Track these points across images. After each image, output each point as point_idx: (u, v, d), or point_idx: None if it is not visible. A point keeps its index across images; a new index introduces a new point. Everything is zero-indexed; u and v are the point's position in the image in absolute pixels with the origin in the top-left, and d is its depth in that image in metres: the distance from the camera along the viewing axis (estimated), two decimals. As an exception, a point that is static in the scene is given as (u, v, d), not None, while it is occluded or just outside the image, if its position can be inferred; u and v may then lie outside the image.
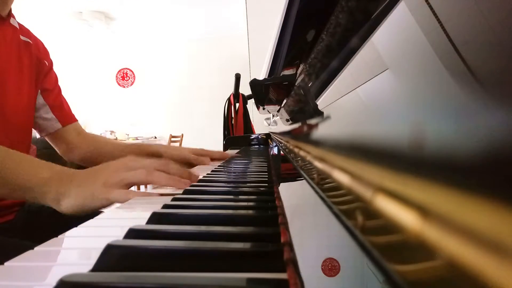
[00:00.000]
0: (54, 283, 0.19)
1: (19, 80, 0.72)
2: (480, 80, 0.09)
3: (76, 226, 0.33)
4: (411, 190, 0.10)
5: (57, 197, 0.46)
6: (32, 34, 0.81)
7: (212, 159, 0.89)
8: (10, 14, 0.73)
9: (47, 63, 0.83)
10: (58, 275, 0.19)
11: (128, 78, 5.63)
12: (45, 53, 0.84)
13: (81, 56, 5.35)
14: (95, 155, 0.89)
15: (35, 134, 0.86)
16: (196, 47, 5.44)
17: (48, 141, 0.88)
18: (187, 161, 0.83)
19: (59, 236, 0.30)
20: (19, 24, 0.76)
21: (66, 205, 0.45)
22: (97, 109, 5.35)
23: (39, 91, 0.82)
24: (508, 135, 0.07)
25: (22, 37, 0.76)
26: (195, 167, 0.79)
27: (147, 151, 0.84)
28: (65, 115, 0.87)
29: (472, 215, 0.07)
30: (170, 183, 0.49)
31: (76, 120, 0.90)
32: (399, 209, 0.10)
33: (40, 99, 0.82)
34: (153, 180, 0.48)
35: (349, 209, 0.15)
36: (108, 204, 0.46)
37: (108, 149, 0.89)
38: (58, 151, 0.89)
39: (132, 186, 0.49)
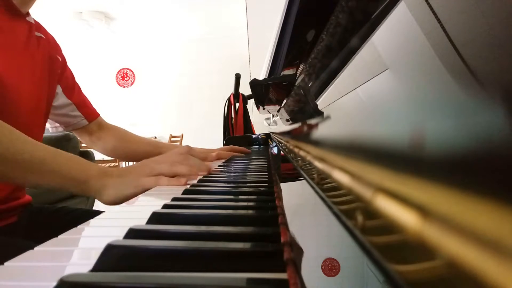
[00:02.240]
0: (54, 283, 0.19)
1: (33, 75, 0.73)
2: (480, 80, 0.09)
3: (76, 226, 0.33)
4: (411, 190, 0.10)
5: (100, 189, 0.54)
6: (44, 29, 0.81)
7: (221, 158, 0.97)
8: (28, 13, 0.74)
9: (60, 59, 0.84)
10: (58, 275, 0.19)
11: (128, 78, 5.63)
12: (57, 48, 0.85)
13: (81, 56, 5.34)
14: (120, 149, 0.96)
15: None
16: (196, 47, 5.44)
17: (73, 132, 0.94)
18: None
19: (59, 236, 0.30)
20: (34, 20, 0.77)
21: (108, 194, 0.54)
22: (97, 109, 5.34)
23: (61, 89, 0.84)
24: (508, 135, 0.07)
25: (36, 33, 0.76)
26: None
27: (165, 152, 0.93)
28: (91, 112, 0.92)
29: (472, 215, 0.07)
30: (190, 173, 0.59)
31: (99, 115, 0.95)
32: (399, 209, 0.10)
33: (63, 98, 0.85)
34: (176, 171, 0.58)
35: (349, 209, 0.15)
36: (140, 190, 0.53)
37: (133, 147, 0.97)
38: (82, 141, 0.97)
39: (159, 175, 0.57)
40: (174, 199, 0.40)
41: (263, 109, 1.22)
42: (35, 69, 0.74)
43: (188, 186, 0.49)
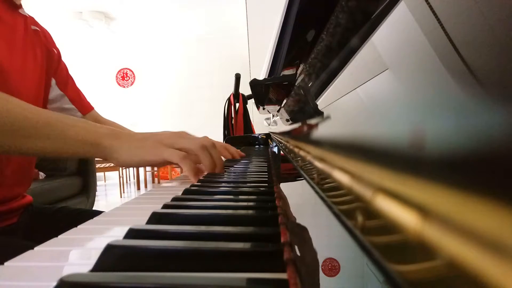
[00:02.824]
0: (54, 283, 0.19)
1: (35, 68, 0.73)
2: (480, 80, 0.09)
3: (76, 226, 0.33)
4: (411, 190, 0.10)
5: (114, 149, 0.49)
6: (39, 23, 0.81)
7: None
8: (20, 4, 0.74)
9: (55, 51, 0.84)
10: (58, 275, 0.19)
11: (128, 78, 5.63)
12: (52, 41, 0.85)
13: (81, 56, 5.34)
14: None
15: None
16: (196, 47, 5.45)
17: None
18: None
19: (59, 236, 0.30)
20: (28, 14, 0.77)
21: (123, 154, 0.49)
22: (97, 109, 5.34)
23: (55, 82, 0.83)
24: (508, 135, 0.07)
25: (32, 26, 0.77)
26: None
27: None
28: (85, 105, 0.90)
29: (472, 215, 0.07)
30: (210, 167, 0.53)
31: (93, 108, 0.93)
32: (399, 209, 0.10)
33: (57, 91, 0.84)
34: (200, 156, 0.52)
35: (349, 209, 0.15)
36: (160, 160, 0.48)
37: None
38: None
39: (182, 151, 0.51)
40: (174, 199, 0.40)
41: (263, 109, 1.22)
42: (36, 63, 0.74)
43: (188, 186, 0.49)
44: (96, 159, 2.37)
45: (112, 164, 4.04)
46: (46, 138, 0.48)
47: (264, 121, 1.81)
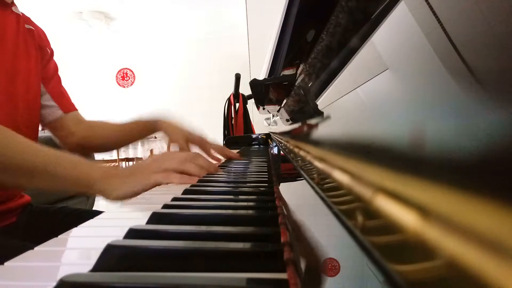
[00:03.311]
0: (54, 283, 0.19)
1: (28, 68, 0.72)
2: (479, 80, 0.09)
3: (76, 226, 0.33)
4: (411, 190, 0.10)
5: (107, 189, 0.53)
6: (33, 22, 0.80)
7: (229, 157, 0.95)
8: (12, 2, 0.73)
9: (49, 51, 0.83)
10: (58, 275, 0.19)
11: (128, 78, 5.63)
12: (47, 41, 0.84)
13: (81, 56, 5.34)
14: (91, 138, 0.91)
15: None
16: (196, 47, 5.44)
17: (49, 130, 0.88)
18: (223, 153, 0.91)
19: (59, 236, 0.30)
20: (22, 13, 0.76)
21: (115, 193, 0.52)
22: (97, 109, 5.35)
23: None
24: (507, 135, 0.07)
25: (26, 25, 0.76)
26: None
27: (150, 123, 0.91)
28: (66, 103, 0.87)
29: (472, 215, 0.07)
30: (200, 173, 0.58)
31: (77, 109, 0.90)
32: (399, 209, 0.10)
33: (41, 88, 0.82)
34: (185, 169, 0.56)
35: (349, 209, 0.15)
36: (149, 186, 0.52)
37: (107, 131, 0.92)
38: (57, 139, 0.90)
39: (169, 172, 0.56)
40: (174, 199, 0.40)
41: (263, 109, 1.22)
42: (30, 62, 0.73)
43: (188, 186, 0.49)
44: (96, 159, 2.37)
45: (112, 164, 4.05)
46: (41, 178, 0.51)
47: (264, 121, 1.81)
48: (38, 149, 0.52)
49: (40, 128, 0.86)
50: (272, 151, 1.10)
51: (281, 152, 0.62)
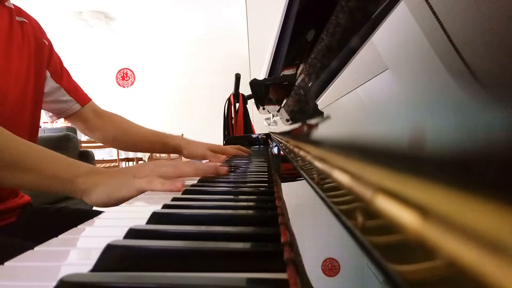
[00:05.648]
0: (54, 283, 0.19)
1: (21, 62, 0.70)
2: (480, 80, 0.09)
3: (76, 226, 0.33)
4: (411, 190, 0.10)
5: (88, 189, 0.50)
6: (26, 13, 0.77)
7: (228, 155, 0.97)
8: None
9: (46, 42, 0.80)
10: (58, 275, 0.19)
11: (128, 78, 5.63)
12: (42, 31, 0.80)
13: (81, 56, 5.34)
14: (121, 139, 0.95)
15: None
16: (196, 47, 5.44)
17: (68, 122, 0.91)
18: (204, 158, 0.91)
19: (59, 236, 0.30)
20: (13, 5, 0.73)
21: (97, 196, 0.49)
22: (97, 109, 5.34)
23: (49, 74, 0.80)
24: (508, 135, 0.07)
25: (17, 18, 0.73)
26: None
27: (171, 144, 0.94)
28: (82, 96, 0.88)
29: (472, 215, 0.07)
30: (196, 173, 0.58)
31: (91, 99, 0.92)
32: (399, 209, 0.10)
33: (52, 83, 0.81)
34: (181, 171, 0.56)
35: (349, 209, 0.15)
36: (133, 192, 0.49)
37: (136, 137, 0.96)
38: (77, 129, 0.94)
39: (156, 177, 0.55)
40: (174, 199, 0.40)
41: (263, 109, 1.22)
42: (22, 57, 0.70)
43: (189, 186, 0.49)
44: (95, 159, 2.37)
45: (112, 164, 4.04)
46: (19, 170, 0.48)
47: (264, 121, 1.81)
48: (18, 139, 0.50)
49: (40, 127, 0.86)
50: (272, 151, 1.10)
51: (281, 152, 0.62)
